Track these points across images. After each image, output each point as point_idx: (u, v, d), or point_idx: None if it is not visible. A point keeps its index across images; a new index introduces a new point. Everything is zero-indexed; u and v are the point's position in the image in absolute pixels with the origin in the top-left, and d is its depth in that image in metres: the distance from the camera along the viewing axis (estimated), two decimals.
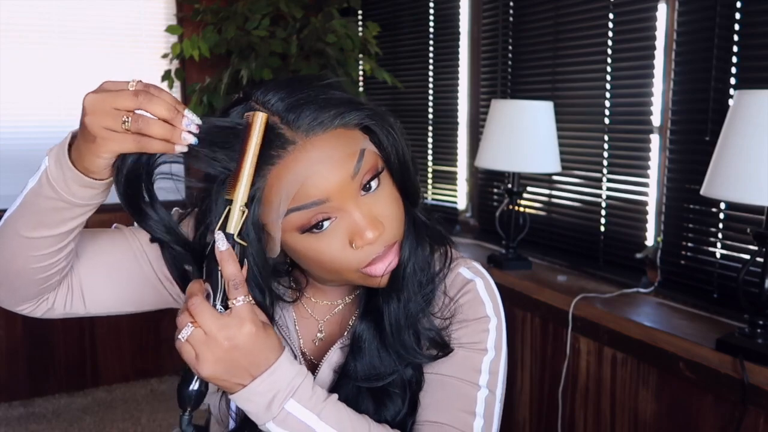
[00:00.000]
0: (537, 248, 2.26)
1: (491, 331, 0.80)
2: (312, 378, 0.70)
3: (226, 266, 0.65)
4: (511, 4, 2.33)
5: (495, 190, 2.48)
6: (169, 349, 0.88)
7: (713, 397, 1.52)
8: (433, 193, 2.81)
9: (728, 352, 1.45)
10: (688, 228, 1.78)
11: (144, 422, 2.67)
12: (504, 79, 2.40)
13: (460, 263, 0.83)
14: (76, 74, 2.85)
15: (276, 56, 2.66)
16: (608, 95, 2.00)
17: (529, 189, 2.28)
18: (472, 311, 0.80)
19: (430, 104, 2.78)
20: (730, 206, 1.65)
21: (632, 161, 1.95)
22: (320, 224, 0.69)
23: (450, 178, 2.72)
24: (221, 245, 0.65)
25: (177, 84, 2.93)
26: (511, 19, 2.34)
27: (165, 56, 2.89)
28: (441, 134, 2.74)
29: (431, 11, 2.73)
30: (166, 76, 2.82)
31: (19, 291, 0.77)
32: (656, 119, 1.86)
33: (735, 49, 1.62)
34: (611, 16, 1.96)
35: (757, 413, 1.42)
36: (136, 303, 0.85)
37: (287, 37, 2.67)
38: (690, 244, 1.78)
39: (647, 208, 1.91)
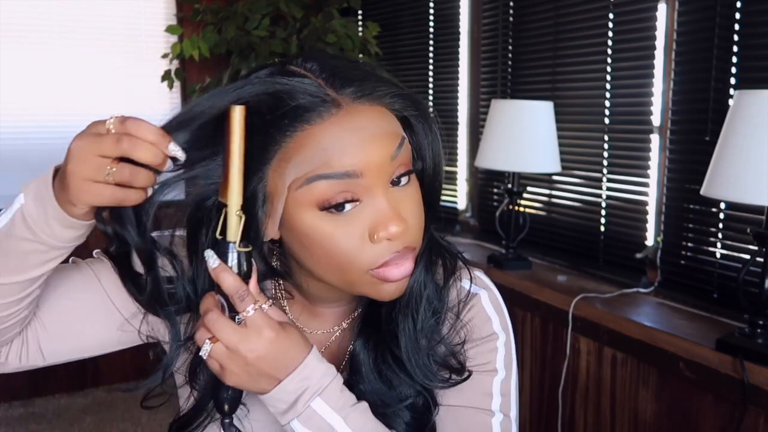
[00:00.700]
0: (537, 248, 2.26)
1: (500, 349, 0.75)
2: (341, 379, 0.66)
3: (224, 282, 0.61)
4: (511, 4, 2.33)
5: (495, 190, 2.48)
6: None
7: (713, 397, 1.52)
8: None
9: (728, 352, 1.44)
10: (688, 228, 1.78)
11: (144, 422, 2.67)
12: (504, 79, 2.40)
13: (462, 274, 0.76)
14: (77, 74, 2.85)
15: (276, 56, 2.66)
16: (608, 95, 2.00)
17: (529, 189, 2.28)
18: (478, 329, 0.74)
19: (430, 104, 2.78)
20: (730, 206, 1.65)
21: (632, 161, 1.95)
22: (342, 206, 0.61)
23: (450, 178, 2.72)
24: (211, 263, 0.61)
25: (177, 84, 2.93)
26: (511, 19, 2.34)
27: (165, 56, 2.89)
28: (441, 134, 2.74)
29: (431, 11, 2.73)
30: (166, 76, 2.82)
31: None
32: (656, 119, 1.86)
33: (735, 49, 1.62)
34: (611, 16, 1.96)
35: (757, 413, 1.42)
36: (99, 347, 0.77)
37: (287, 37, 2.68)
38: (690, 244, 1.78)
39: (647, 208, 1.91)
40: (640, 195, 1.93)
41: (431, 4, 2.72)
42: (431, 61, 2.76)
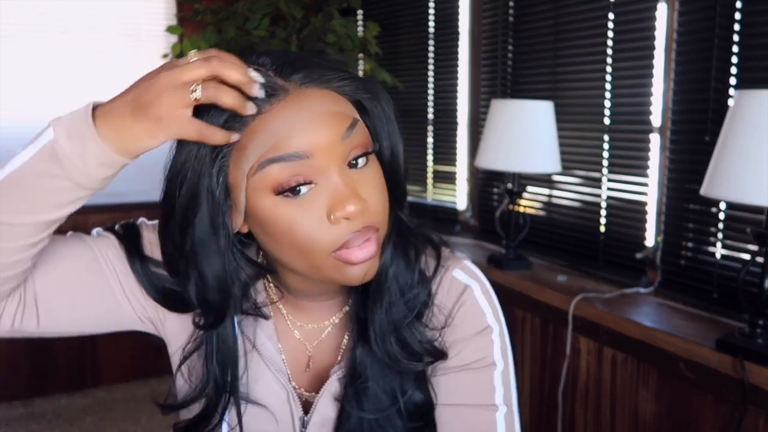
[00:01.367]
0: (537, 248, 2.26)
1: (495, 341, 0.75)
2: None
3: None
4: (511, 4, 2.33)
5: (495, 190, 2.48)
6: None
7: (713, 397, 1.52)
8: (434, 193, 2.81)
9: (728, 352, 1.44)
10: (688, 228, 1.78)
11: (144, 422, 2.67)
12: (504, 79, 2.40)
13: (452, 264, 0.76)
14: (77, 74, 2.85)
15: None
16: (608, 95, 2.00)
17: (529, 189, 2.28)
18: (473, 324, 0.74)
19: (430, 104, 2.78)
20: (730, 206, 1.65)
21: (632, 161, 1.95)
22: (296, 189, 0.62)
23: (450, 178, 2.72)
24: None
25: None
26: (511, 19, 2.34)
27: (165, 56, 2.89)
28: (441, 134, 2.74)
29: (431, 11, 2.73)
30: None
31: None
32: (656, 119, 1.86)
33: (735, 49, 1.62)
34: (611, 16, 1.96)
35: (757, 413, 1.42)
36: (95, 323, 0.75)
37: (287, 37, 2.68)
38: (690, 244, 1.78)
39: (647, 208, 1.91)
40: (640, 195, 1.93)
41: (431, 4, 2.72)
42: (431, 61, 2.76)
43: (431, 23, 2.74)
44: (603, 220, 2.06)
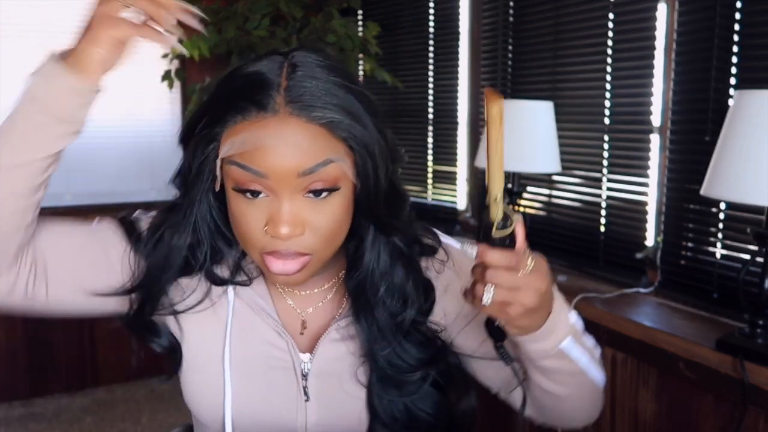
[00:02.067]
0: (537, 248, 2.22)
1: None
2: None
3: (494, 260, 0.67)
4: (511, 4, 2.33)
5: None
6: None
7: (713, 397, 1.51)
8: (433, 193, 2.81)
9: (728, 352, 1.44)
10: (688, 228, 1.78)
11: (144, 422, 2.67)
12: (504, 79, 2.40)
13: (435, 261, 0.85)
14: None
15: None
16: (608, 95, 2.00)
17: (529, 189, 2.28)
18: (464, 270, 0.77)
19: (430, 104, 2.78)
20: (730, 206, 1.65)
21: (632, 161, 1.95)
22: (256, 193, 0.70)
23: (450, 178, 2.72)
24: (470, 252, 0.68)
25: (177, 84, 2.93)
26: (511, 19, 2.34)
27: (165, 56, 2.89)
28: (441, 134, 2.74)
29: (431, 11, 2.73)
30: (166, 76, 2.82)
31: None
32: (656, 119, 1.86)
33: (735, 49, 1.62)
34: (611, 16, 1.96)
35: (757, 413, 1.42)
36: (94, 297, 0.79)
37: (287, 37, 2.67)
38: (690, 244, 1.78)
39: (647, 208, 1.91)
40: (640, 195, 1.92)
41: (431, 4, 2.72)
42: (431, 61, 2.76)
43: (431, 23, 2.74)
44: (603, 220, 2.06)
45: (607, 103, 2.00)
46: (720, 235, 1.69)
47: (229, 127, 0.70)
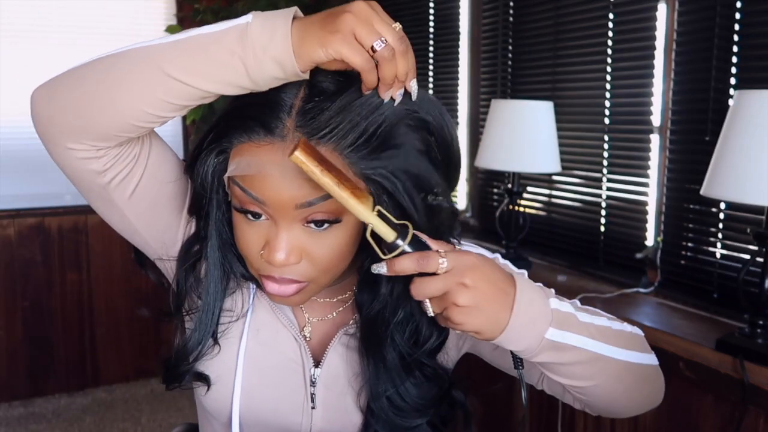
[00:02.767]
0: (537, 248, 2.26)
1: (507, 264, 0.82)
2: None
3: (407, 268, 0.64)
4: (511, 4, 2.33)
5: (495, 190, 2.48)
6: (169, 350, 0.86)
7: (713, 397, 1.52)
8: None
9: (728, 352, 1.45)
10: (688, 228, 1.78)
11: (144, 422, 2.67)
12: (504, 79, 2.40)
13: None
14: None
15: None
16: (608, 95, 2.00)
17: (529, 189, 2.28)
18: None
19: None
20: (730, 206, 1.65)
21: (632, 161, 1.95)
22: (257, 215, 0.68)
23: None
24: (381, 270, 0.65)
25: None
26: (511, 19, 2.34)
27: None
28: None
29: (431, 11, 2.73)
30: None
31: (92, 125, 0.67)
32: (656, 119, 1.86)
33: (735, 49, 1.62)
34: (611, 16, 1.96)
35: (757, 413, 1.42)
36: (157, 229, 0.79)
37: None
38: (690, 244, 1.78)
39: (647, 208, 1.91)
40: (640, 195, 1.93)
41: (431, 4, 2.72)
42: (431, 61, 2.76)
43: (431, 23, 2.74)
44: (603, 220, 2.06)
45: (607, 103, 2.00)
46: (720, 235, 1.69)
47: (236, 145, 0.68)
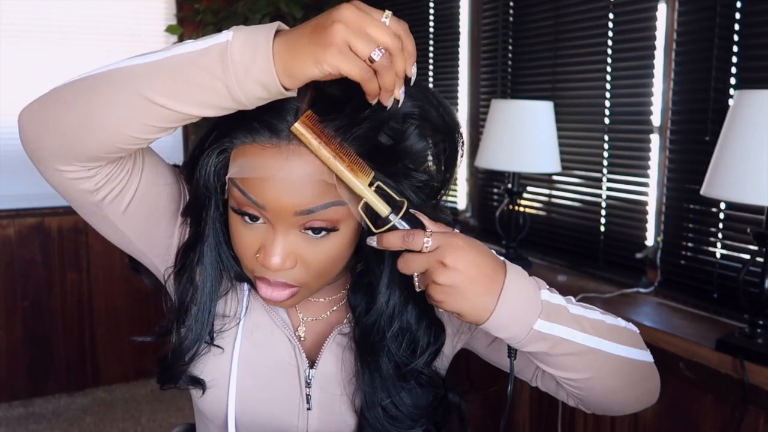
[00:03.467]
0: (537, 248, 2.26)
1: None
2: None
3: (393, 243, 0.65)
4: (511, 4, 2.33)
5: (495, 190, 2.48)
6: (165, 350, 0.86)
7: (713, 397, 1.52)
8: None
9: (728, 352, 1.44)
10: (688, 228, 1.78)
11: (144, 422, 2.67)
12: (504, 79, 2.40)
13: None
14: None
15: None
16: (608, 95, 2.00)
17: (529, 189, 2.28)
18: None
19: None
20: (730, 206, 1.65)
21: (632, 161, 1.95)
22: (255, 218, 0.68)
23: None
24: (372, 243, 0.66)
25: None
26: (511, 19, 2.34)
27: None
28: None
29: (431, 11, 2.73)
30: None
31: (78, 148, 0.65)
32: (656, 119, 1.86)
33: (735, 49, 1.62)
34: (611, 16, 1.96)
35: (757, 413, 1.42)
36: (148, 234, 0.77)
37: None
38: (690, 244, 1.78)
39: (647, 208, 1.91)
40: (640, 195, 1.93)
41: (431, 4, 2.72)
42: (431, 61, 2.76)
43: (431, 23, 2.74)
44: (603, 220, 2.06)
45: (607, 103, 2.00)
46: (720, 235, 1.69)
47: (239, 146, 0.67)
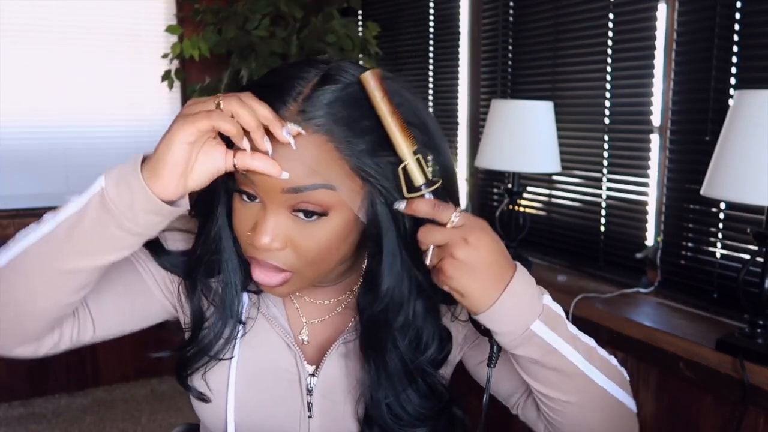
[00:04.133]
0: (537, 248, 2.26)
1: None
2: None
3: (422, 209, 0.65)
4: (511, 4, 2.33)
5: (495, 190, 2.48)
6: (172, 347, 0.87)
7: (713, 397, 1.52)
8: None
9: (728, 352, 1.45)
10: (688, 228, 1.78)
11: (144, 422, 2.67)
12: (504, 79, 2.40)
13: None
14: (77, 74, 2.85)
15: (276, 56, 2.66)
16: (608, 95, 2.00)
17: (529, 189, 2.28)
18: None
19: (430, 104, 2.78)
20: (730, 206, 1.65)
21: (632, 161, 1.95)
22: (252, 197, 0.68)
23: None
24: (400, 207, 0.66)
25: (177, 84, 2.93)
26: (511, 19, 2.34)
27: (165, 56, 2.89)
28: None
29: (431, 11, 2.73)
30: (166, 76, 2.82)
31: (25, 332, 0.68)
32: (656, 119, 1.86)
33: (735, 49, 1.62)
34: (611, 16, 1.96)
35: (757, 413, 1.42)
36: (136, 318, 0.80)
37: (287, 37, 2.68)
38: (690, 244, 1.78)
39: (647, 208, 1.91)
40: (640, 195, 1.93)
41: (431, 4, 2.72)
42: (431, 61, 2.76)
43: (431, 23, 2.74)
44: (603, 220, 2.06)
45: (607, 103, 2.00)
46: (720, 235, 1.69)
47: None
